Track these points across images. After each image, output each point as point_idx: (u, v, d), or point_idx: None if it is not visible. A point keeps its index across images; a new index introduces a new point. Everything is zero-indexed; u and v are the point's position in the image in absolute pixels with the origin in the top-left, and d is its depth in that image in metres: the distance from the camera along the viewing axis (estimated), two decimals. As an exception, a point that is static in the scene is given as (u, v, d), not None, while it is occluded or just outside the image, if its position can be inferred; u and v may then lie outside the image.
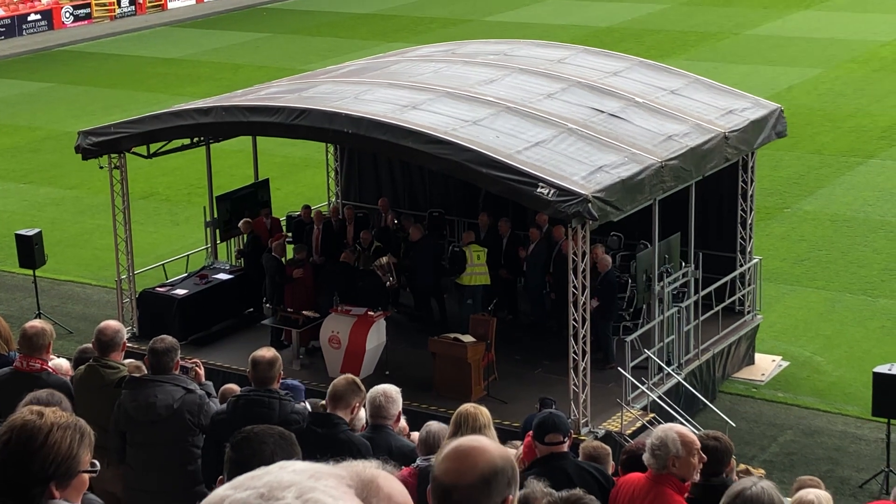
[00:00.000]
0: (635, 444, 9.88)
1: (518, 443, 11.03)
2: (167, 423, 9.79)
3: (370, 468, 3.11)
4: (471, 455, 3.70)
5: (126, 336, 10.46)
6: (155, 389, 9.80)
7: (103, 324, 10.31)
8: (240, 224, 24.00)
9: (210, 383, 10.83)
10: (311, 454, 5.07)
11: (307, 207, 24.83)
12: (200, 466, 9.91)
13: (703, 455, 8.11)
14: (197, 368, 10.62)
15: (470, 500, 3.64)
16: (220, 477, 4.87)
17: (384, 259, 22.25)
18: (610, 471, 9.60)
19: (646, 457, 8.12)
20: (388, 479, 2.92)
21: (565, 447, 8.70)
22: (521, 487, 6.43)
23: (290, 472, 2.40)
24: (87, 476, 4.82)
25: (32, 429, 4.70)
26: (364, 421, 10.04)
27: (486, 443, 3.78)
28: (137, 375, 10.16)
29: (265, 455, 4.86)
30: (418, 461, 8.85)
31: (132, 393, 9.83)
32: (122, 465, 9.97)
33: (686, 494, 8.37)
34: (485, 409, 8.76)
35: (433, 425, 9.34)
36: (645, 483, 8.14)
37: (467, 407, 8.69)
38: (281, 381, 9.93)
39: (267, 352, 9.79)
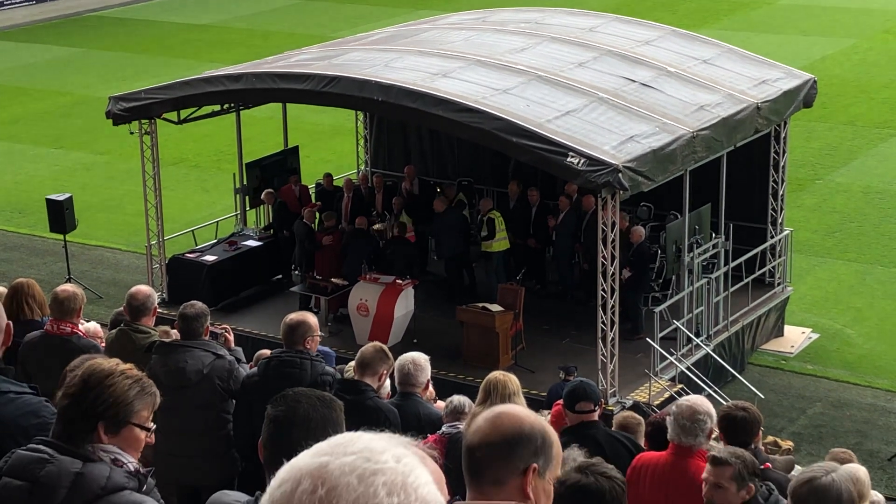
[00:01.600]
0: (660, 415, 9.84)
1: (546, 412, 11.02)
2: (197, 387, 9.83)
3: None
4: (500, 417, 3.71)
5: (157, 301, 10.49)
6: (185, 354, 9.84)
7: (134, 288, 10.34)
8: (262, 195, 24.00)
9: (239, 349, 10.87)
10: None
11: (328, 175, 24.83)
12: (231, 431, 9.95)
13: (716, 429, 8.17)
14: (227, 334, 10.66)
15: (490, 459, 3.64)
16: (260, 440, 4.89)
17: (378, 225, 22.47)
18: (641, 441, 9.58)
19: (674, 433, 8.05)
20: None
21: (595, 416, 8.69)
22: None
23: (371, 439, 2.47)
24: (141, 434, 4.90)
25: (97, 368, 4.90)
26: (388, 389, 10.07)
27: (521, 410, 3.77)
28: (168, 340, 10.19)
29: (299, 413, 4.88)
30: (444, 428, 8.88)
31: (162, 358, 9.86)
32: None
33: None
34: (514, 376, 8.78)
35: (456, 399, 9.37)
36: (669, 458, 8.08)
37: (496, 375, 8.71)
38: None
39: (297, 315, 9.85)
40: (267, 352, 10.99)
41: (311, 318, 9.88)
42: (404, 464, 2.41)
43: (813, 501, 6.07)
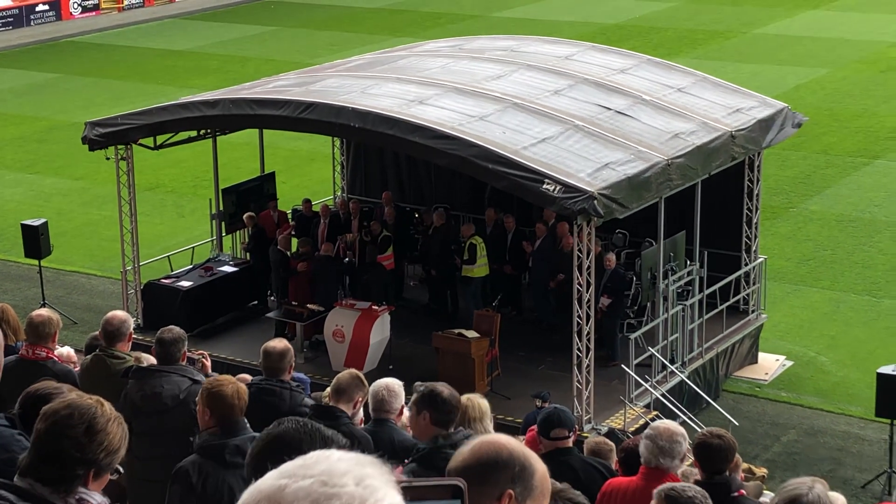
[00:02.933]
0: (633, 442, 9.88)
1: (521, 438, 11.03)
2: (173, 413, 9.80)
3: None
4: (481, 444, 3.74)
5: (132, 327, 10.47)
6: (161, 379, 9.82)
7: (110, 314, 10.32)
8: (244, 217, 24.02)
9: (216, 375, 10.84)
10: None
11: (307, 201, 24.88)
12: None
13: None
14: (204, 360, 10.65)
15: (467, 484, 3.66)
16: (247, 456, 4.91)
17: (349, 236, 22.54)
18: (614, 467, 9.61)
19: (650, 455, 8.09)
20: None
21: (570, 442, 8.72)
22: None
23: (338, 459, 2.42)
24: (109, 476, 4.89)
25: (97, 413, 4.83)
26: (361, 416, 10.07)
27: (505, 439, 3.81)
28: (144, 365, 10.17)
29: (288, 433, 4.89)
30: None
31: (138, 383, 9.84)
32: (126, 454, 9.98)
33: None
34: (480, 400, 8.62)
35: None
36: (640, 483, 8.10)
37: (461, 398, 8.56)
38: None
39: (279, 343, 9.86)
40: (248, 377, 10.98)
41: (290, 346, 9.95)
42: (365, 486, 2.37)
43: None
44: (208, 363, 10.73)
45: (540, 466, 3.76)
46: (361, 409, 9.82)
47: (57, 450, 4.70)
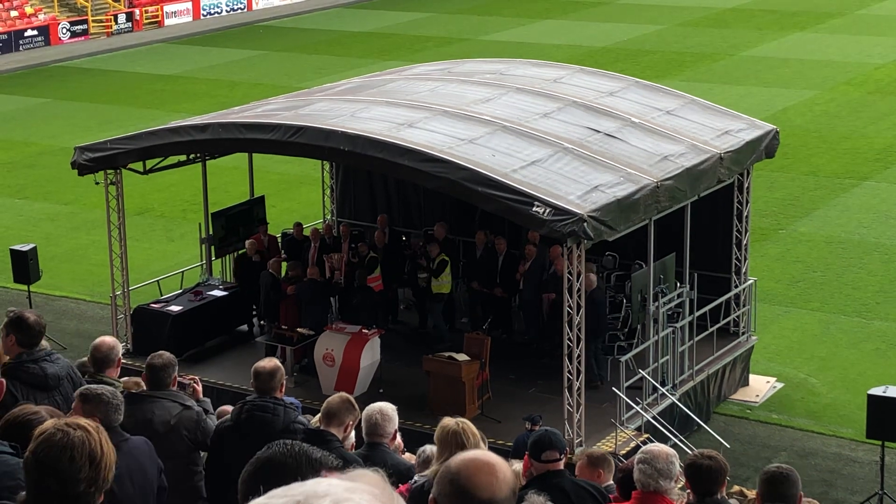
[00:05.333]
0: (630, 463, 9.86)
1: (517, 462, 11.01)
2: (164, 439, 9.76)
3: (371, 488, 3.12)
4: (500, 468, 3.75)
5: (121, 352, 10.43)
6: (152, 405, 9.78)
7: (98, 340, 10.28)
8: (246, 245, 23.77)
9: (208, 400, 10.81)
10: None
11: (299, 225, 24.86)
12: (198, 482, 9.88)
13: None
14: (195, 385, 10.61)
15: None
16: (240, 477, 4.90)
17: (336, 256, 22.59)
18: (609, 477, 9.59)
19: (647, 479, 8.06)
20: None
21: (561, 464, 8.68)
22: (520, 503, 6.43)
23: (326, 484, 2.43)
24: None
25: (94, 441, 4.77)
26: (353, 441, 10.03)
27: (498, 457, 3.85)
28: (135, 391, 10.13)
29: (276, 458, 4.88)
30: (416, 478, 8.84)
31: (129, 408, 9.78)
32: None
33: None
34: (467, 424, 8.54)
35: (428, 448, 9.33)
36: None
37: (450, 425, 8.47)
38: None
39: (268, 362, 9.84)
40: (229, 408, 10.94)
41: (281, 365, 9.95)
42: None
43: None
44: (199, 388, 10.69)
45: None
46: (353, 433, 9.78)
47: (61, 483, 4.63)
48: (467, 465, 3.74)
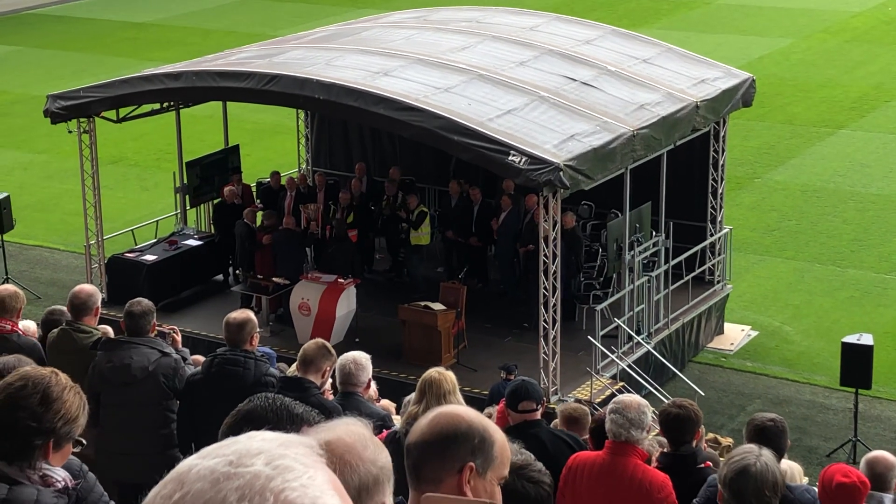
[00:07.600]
0: (602, 414, 9.87)
1: (491, 410, 11.03)
2: (142, 384, 9.75)
3: (343, 439, 3.06)
4: (438, 416, 3.69)
5: (100, 301, 10.39)
6: (130, 351, 9.76)
7: (77, 287, 10.24)
8: (225, 191, 23.61)
9: (187, 350, 10.80)
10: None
11: (276, 174, 24.73)
12: (174, 429, 9.88)
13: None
14: (174, 335, 10.59)
15: (426, 458, 3.62)
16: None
17: (312, 206, 22.53)
18: (586, 432, 9.61)
19: (619, 428, 8.05)
20: (356, 450, 2.92)
21: (538, 414, 8.70)
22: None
23: (259, 440, 2.33)
24: (75, 447, 4.83)
25: (50, 382, 4.77)
26: (329, 387, 10.03)
27: (462, 410, 3.75)
28: (113, 337, 10.10)
29: (257, 411, 4.83)
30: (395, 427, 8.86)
31: (107, 354, 9.78)
32: (95, 427, 9.93)
33: (655, 464, 8.38)
34: (450, 374, 8.68)
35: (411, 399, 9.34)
36: (606, 457, 8.08)
37: (432, 373, 8.61)
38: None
39: (239, 314, 9.80)
40: (201, 358, 10.92)
41: (254, 316, 9.89)
42: (275, 466, 2.24)
43: (752, 489, 6.16)
44: (179, 338, 10.67)
45: (499, 436, 3.71)
46: (330, 379, 9.78)
47: (12, 422, 4.64)
48: (413, 414, 3.75)
